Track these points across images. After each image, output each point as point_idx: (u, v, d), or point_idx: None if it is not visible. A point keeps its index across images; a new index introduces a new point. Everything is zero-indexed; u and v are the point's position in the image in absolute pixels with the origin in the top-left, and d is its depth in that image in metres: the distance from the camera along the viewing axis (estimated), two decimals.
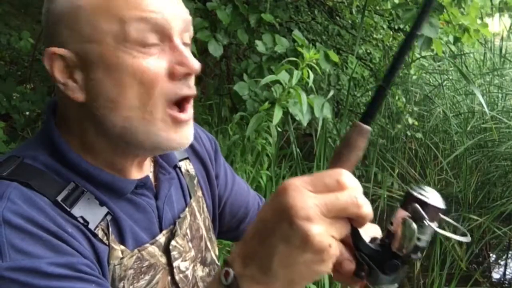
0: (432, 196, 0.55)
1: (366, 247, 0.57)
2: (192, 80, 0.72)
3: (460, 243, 3.52)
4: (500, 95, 4.85)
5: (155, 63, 0.67)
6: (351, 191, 0.51)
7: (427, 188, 0.56)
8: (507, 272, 3.70)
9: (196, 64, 0.70)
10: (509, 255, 3.93)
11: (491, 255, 3.83)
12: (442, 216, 0.57)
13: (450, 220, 0.60)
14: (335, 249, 0.52)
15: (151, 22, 0.66)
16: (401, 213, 0.56)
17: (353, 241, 0.57)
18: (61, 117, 0.75)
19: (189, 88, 0.71)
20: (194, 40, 2.37)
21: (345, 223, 0.53)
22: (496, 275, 3.67)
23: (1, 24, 3.59)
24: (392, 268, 0.56)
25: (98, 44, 0.66)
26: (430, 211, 0.54)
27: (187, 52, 0.70)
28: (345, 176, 0.52)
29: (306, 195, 0.51)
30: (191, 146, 0.95)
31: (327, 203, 0.50)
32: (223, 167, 1.03)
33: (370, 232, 0.64)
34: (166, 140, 0.70)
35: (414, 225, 0.54)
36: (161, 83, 0.68)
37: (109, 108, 0.68)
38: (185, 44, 0.72)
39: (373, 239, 0.59)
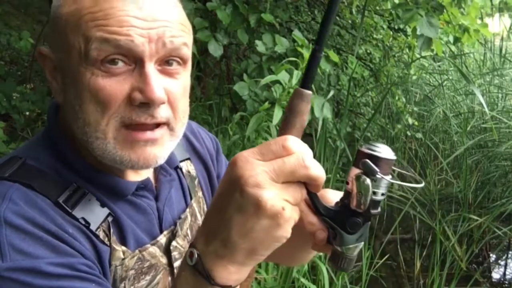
0: (382, 150, 0.56)
1: (326, 210, 0.58)
2: (158, 109, 0.67)
3: (460, 242, 3.53)
4: (500, 95, 4.86)
5: (115, 84, 0.65)
6: (298, 154, 0.53)
7: (378, 144, 0.57)
8: (507, 272, 3.70)
9: (155, 94, 0.65)
10: (509, 255, 3.93)
11: (491, 255, 3.83)
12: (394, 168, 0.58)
13: (403, 171, 0.61)
14: (290, 212, 0.53)
15: (114, 43, 0.64)
16: (354, 171, 0.56)
17: (313, 206, 0.58)
18: (63, 118, 0.76)
19: (151, 117, 0.67)
20: (194, 40, 2.37)
21: (298, 187, 0.54)
22: (496, 275, 3.67)
23: (1, 24, 3.59)
24: (354, 225, 0.57)
25: (67, 55, 0.67)
26: (382, 164, 0.55)
27: (154, 80, 0.66)
28: (291, 141, 0.54)
29: (254, 164, 0.52)
30: (192, 146, 0.95)
31: (275, 168, 0.52)
32: (224, 166, 1.03)
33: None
34: (123, 159, 0.68)
35: (368, 180, 0.55)
36: (117, 105, 0.66)
37: (72, 117, 0.69)
38: (167, 62, 0.69)
39: (336, 203, 0.59)
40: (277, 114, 2.14)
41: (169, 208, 0.84)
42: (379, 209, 0.57)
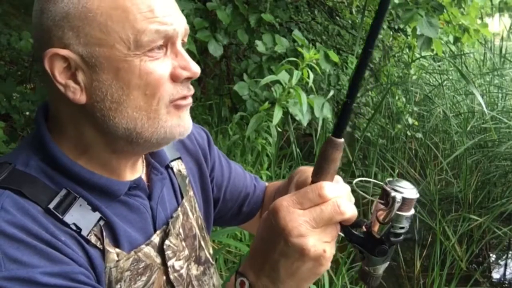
0: (405, 190, 0.62)
1: (357, 239, 0.65)
2: (190, 84, 0.76)
3: (460, 242, 3.53)
4: (500, 95, 4.85)
5: (160, 66, 0.70)
6: (334, 201, 0.59)
7: (402, 182, 0.64)
8: (507, 272, 3.70)
9: (197, 68, 0.73)
10: (509, 255, 3.93)
11: (491, 255, 3.83)
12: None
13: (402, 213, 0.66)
14: (330, 251, 0.60)
15: (164, 34, 0.69)
16: (378, 206, 0.64)
17: (346, 236, 0.65)
18: (54, 120, 0.75)
19: (189, 89, 0.75)
20: (194, 40, 2.38)
21: (335, 226, 0.62)
22: (496, 275, 3.67)
23: (1, 24, 3.59)
24: (382, 252, 0.64)
25: (108, 48, 0.67)
26: (406, 202, 0.62)
27: (188, 57, 0.73)
28: (326, 189, 0.60)
29: (295, 214, 0.58)
30: (183, 144, 0.96)
31: (315, 217, 0.59)
32: (217, 158, 1.04)
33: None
34: (171, 128, 0.73)
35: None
36: (165, 84, 0.71)
37: (113, 109, 0.69)
38: (183, 45, 0.76)
39: (360, 223, 0.66)
40: (277, 114, 2.14)
41: (162, 207, 0.84)
42: (401, 238, 0.65)
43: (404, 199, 0.62)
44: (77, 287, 0.64)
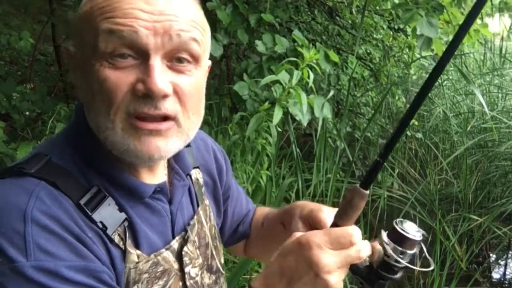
0: (411, 230, 0.70)
1: (360, 272, 0.72)
2: (163, 102, 0.68)
3: (460, 242, 3.52)
4: (500, 95, 4.85)
5: (120, 75, 0.67)
6: (357, 247, 0.67)
7: (407, 224, 0.71)
8: (507, 272, 3.69)
9: (156, 85, 0.66)
10: (509, 255, 3.93)
11: (491, 255, 3.83)
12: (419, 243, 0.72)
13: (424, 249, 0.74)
14: (341, 284, 0.68)
15: (118, 34, 0.65)
16: (386, 243, 0.70)
17: (350, 268, 0.71)
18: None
19: (154, 107, 0.67)
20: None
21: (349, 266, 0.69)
22: (496, 275, 3.67)
23: (1, 24, 3.59)
24: (381, 286, 0.72)
25: (82, 51, 0.71)
26: (409, 242, 0.69)
27: (157, 73, 0.66)
28: (355, 237, 0.67)
29: (327, 253, 0.66)
30: (202, 155, 0.98)
31: (342, 260, 0.66)
32: (230, 178, 1.06)
33: None
34: (127, 147, 0.69)
35: (394, 257, 0.70)
36: (123, 95, 0.67)
37: (87, 111, 0.72)
38: (178, 59, 0.70)
39: (367, 266, 0.73)
40: (277, 114, 2.14)
41: (181, 213, 0.85)
42: (398, 275, 0.71)
43: (408, 238, 0.69)
44: (98, 286, 0.65)
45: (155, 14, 0.66)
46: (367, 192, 0.70)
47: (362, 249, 0.68)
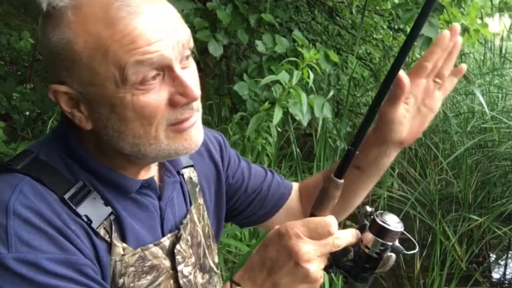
0: (391, 221, 0.71)
1: (343, 266, 0.74)
2: (194, 103, 0.73)
3: (460, 242, 3.52)
4: (500, 95, 4.85)
5: (154, 97, 0.69)
6: (334, 236, 0.70)
7: (388, 216, 0.73)
8: (507, 272, 3.70)
9: (195, 93, 0.71)
10: (509, 255, 3.93)
11: (491, 255, 3.83)
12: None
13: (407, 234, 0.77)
14: (322, 274, 0.71)
15: (148, 63, 0.66)
16: (368, 236, 0.72)
17: (334, 263, 0.74)
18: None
19: (191, 110, 0.73)
20: (194, 40, 2.37)
21: (328, 255, 0.72)
22: (496, 275, 3.67)
23: (1, 24, 3.59)
24: (363, 279, 0.74)
25: (99, 87, 0.68)
26: (389, 234, 0.71)
27: (188, 80, 0.71)
28: (333, 227, 0.70)
29: (307, 242, 0.68)
30: (207, 149, 0.99)
31: (322, 250, 0.69)
32: (233, 157, 1.06)
33: None
34: (175, 149, 0.74)
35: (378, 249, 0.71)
36: (162, 112, 0.70)
37: (116, 136, 0.72)
38: (186, 57, 0.73)
39: (347, 251, 0.75)
40: (277, 114, 2.14)
41: (171, 209, 0.85)
42: (381, 268, 0.73)
43: (391, 231, 0.71)
44: (79, 279, 0.66)
45: (166, 29, 0.68)
46: (342, 181, 0.73)
47: (339, 237, 0.70)
